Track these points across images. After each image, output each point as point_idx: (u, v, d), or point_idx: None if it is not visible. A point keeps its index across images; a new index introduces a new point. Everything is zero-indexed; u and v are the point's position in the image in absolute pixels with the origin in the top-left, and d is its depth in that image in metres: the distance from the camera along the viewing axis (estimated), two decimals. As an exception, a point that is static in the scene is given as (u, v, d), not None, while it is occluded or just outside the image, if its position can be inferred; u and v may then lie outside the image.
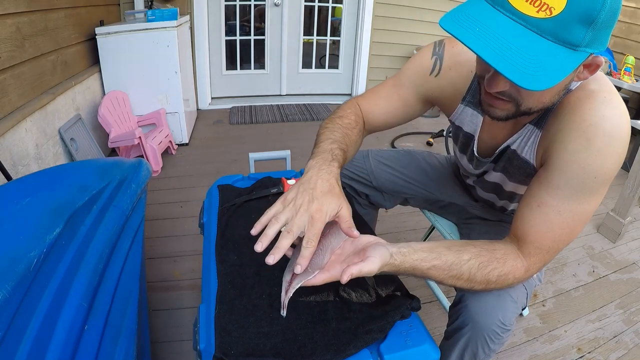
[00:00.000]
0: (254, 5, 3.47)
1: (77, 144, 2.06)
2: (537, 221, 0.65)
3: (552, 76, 0.50)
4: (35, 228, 0.71)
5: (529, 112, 0.63)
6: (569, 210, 0.63)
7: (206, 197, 1.10)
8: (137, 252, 0.96)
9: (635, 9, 3.86)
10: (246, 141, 2.86)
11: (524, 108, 0.62)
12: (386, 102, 0.87)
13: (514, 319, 0.74)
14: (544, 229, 0.65)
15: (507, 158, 0.78)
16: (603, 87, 0.62)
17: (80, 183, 0.90)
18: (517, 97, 0.60)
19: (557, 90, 0.60)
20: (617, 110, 0.59)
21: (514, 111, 0.63)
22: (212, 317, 0.69)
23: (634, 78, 2.87)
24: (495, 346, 0.75)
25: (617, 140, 0.59)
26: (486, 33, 0.51)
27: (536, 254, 0.66)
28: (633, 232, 1.97)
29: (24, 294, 0.62)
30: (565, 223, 0.64)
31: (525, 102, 0.61)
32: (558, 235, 0.65)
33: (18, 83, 1.67)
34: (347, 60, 3.82)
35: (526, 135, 0.72)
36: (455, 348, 0.78)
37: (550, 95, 0.60)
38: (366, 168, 1.12)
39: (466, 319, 0.73)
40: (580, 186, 0.61)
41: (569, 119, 0.62)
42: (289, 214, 0.61)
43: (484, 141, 0.82)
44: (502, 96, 0.61)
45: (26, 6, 1.72)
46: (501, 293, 0.71)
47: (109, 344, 0.73)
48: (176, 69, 2.49)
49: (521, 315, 1.38)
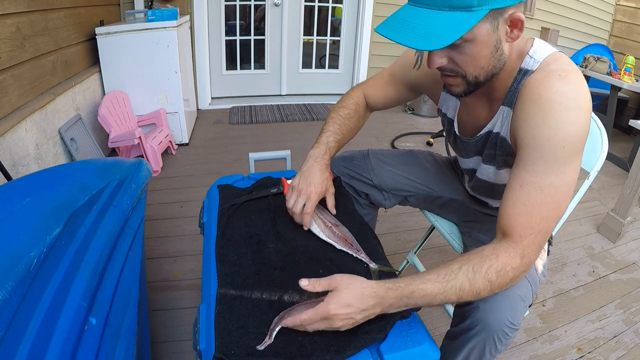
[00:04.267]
0: (254, 5, 3.47)
1: (77, 144, 2.06)
2: (522, 201, 0.67)
3: (448, 36, 0.60)
4: (35, 228, 0.71)
5: (480, 81, 0.70)
6: (549, 183, 0.65)
7: (206, 197, 1.10)
8: (137, 252, 0.96)
9: (635, 9, 3.85)
10: (246, 141, 2.86)
11: (470, 78, 0.70)
12: (383, 89, 1.03)
13: (522, 318, 0.73)
14: (530, 207, 0.66)
15: (493, 143, 0.81)
16: (560, 66, 0.67)
17: (80, 183, 0.90)
18: (458, 69, 0.69)
19: (488, 54, 0.66)
20: (571, 85, 0.64)
21: (465, 83, 0.71)
22: (212, 317, 0.70)
23: (634, 78, 2.87)
24: (502, 347, 0.74)
25: (574, 111, 0.63)
26: (404, 25, 0.64)
27: (527, 236, 0.66)
28: (633, 232, 1.97)
29: (24, 294, 0.62)
30: (549, 198, 0.66)
31: (467, 71, 0.69)
32: (545, 211, 0.66)
33: (18, 83, 1.67)
34: (347, 60, 3.82)
35: (502, 116, 0.76)
36: (462, 349, 0.77)
37: (485, 60, 0.67)
38: (367, 167, 1.12)
39: (475, 320, 0.72)
40: (553, 158, 0.64)
41: (528, 98, 0.67)
42: (293, 199, 0.87)
43: (465, 123, 0.87)
44: (448, 72, 0.70)
45: (26, 6, 1.72)
46: (509, 293, 0.71)
47: (109, 344, 0.73)
48: (176, 69, 2.49)
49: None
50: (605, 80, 2.89)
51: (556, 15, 3.94)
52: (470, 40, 0.64)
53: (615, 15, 4.09)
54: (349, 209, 0.99)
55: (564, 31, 3.93)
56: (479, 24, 0.62)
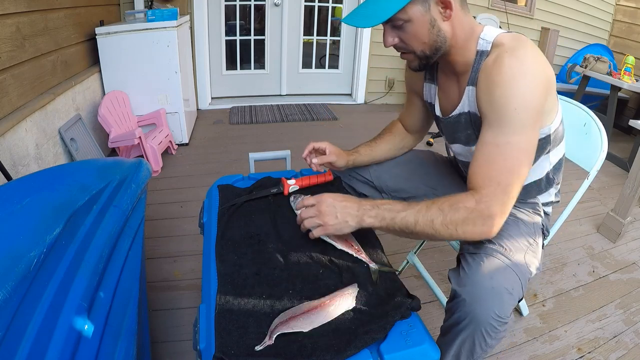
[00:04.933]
0: (254, 5, 3.47)
1: (77, 144, 2.06)
2: (483, 157, 0.76)
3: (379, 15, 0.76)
4: (35, 228, 0.71)
5: (427, 54, 0.82)
6: (505, 142, 0.74)
7: (206, 197, 1.10)
8: (137, 252, 0.96)
9: (635, 9, 3.86)
10: (246, 141, 2.86)
11: (418, 52, 0.82)
12: (408, 107, 1.15)
13: (510, 312, 0.75)
14: (489, 162, 0.75)
15: (467, 122, 0.89)
16: (508, 44, 0.76)
17: (80, 183, 0.90)
18: (406, 45, 0.82)
19: (426, 30, 0.78)
20: (517, 59, 0.73)
21: (417, 58, 0.84)
22: (212, 317, 0.70)
23: (634, 78, 2.87)
24: (493, 341, 0.75)
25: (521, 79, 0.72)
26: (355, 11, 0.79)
27: (486, 187, 0.74)
28: (633, 232, 1.97)
29: (24, 294, 0.62)
30: (506, 154, 0.74)
31: (414, 47, 0.81)
32: (501, 164, 0.74)
33: (18, 83, 1.67)
34: (347, 60, 3.82)
35: (469, 95, 0.85)
36: (453, 344, 0.78)
37: (425, 36, 0.79)
38: (367, 167, 1.14)
39: (463, 313, 0.74)
40: (507, 120, 0.73)
41: (485, 75, 0.78)
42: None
43: (443, 107, 0.97)
44: (401, 50, 0.84)
45: (26, 6, 1.72)
46: (494, 285, 0.73)
47: (109, 344, 0.73)
48: (176, 69, 2.49)
49: (521, 315, 1.38)
50: (605, 80, 2.89)
51: (556, 15, 3.94)
52: (408, 21, 0.77)
53: (615, 15, 4.09)
54: None
55: (564, 31, 3.93)
56: (412, 6, 0.75)
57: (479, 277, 0.75)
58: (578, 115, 1.12)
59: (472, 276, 0.76)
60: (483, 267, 0.76)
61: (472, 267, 0.77)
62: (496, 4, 3.64)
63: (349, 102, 3.85)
